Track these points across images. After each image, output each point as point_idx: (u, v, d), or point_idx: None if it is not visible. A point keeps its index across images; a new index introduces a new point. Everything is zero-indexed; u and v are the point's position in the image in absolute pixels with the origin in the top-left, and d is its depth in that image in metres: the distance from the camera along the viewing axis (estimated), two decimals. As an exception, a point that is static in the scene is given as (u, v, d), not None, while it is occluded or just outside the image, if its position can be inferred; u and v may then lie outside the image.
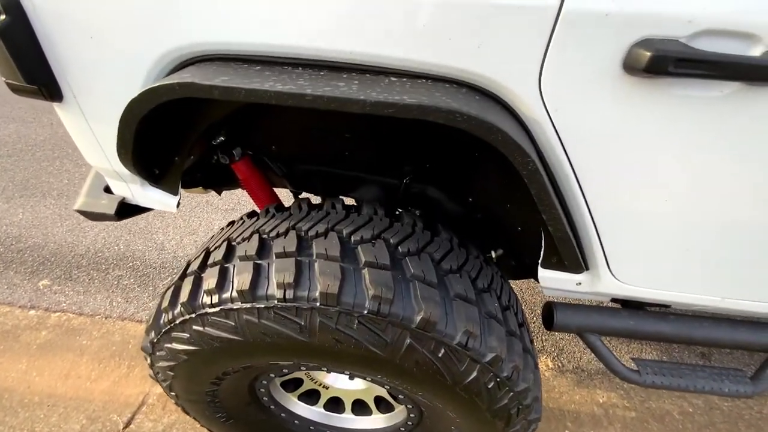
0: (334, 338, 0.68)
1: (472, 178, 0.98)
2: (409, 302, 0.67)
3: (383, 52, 0.60)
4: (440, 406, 0.80)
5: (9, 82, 0.76)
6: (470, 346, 0.69)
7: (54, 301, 1.92)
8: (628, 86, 0.59)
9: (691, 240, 0.77)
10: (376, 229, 0.78)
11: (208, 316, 0.72)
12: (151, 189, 0.95)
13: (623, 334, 0.97)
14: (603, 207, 0.75)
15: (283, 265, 0.69)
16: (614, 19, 0.54)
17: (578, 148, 0.67)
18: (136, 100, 0.64)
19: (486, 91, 0.64)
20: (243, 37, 0.63)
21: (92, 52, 0.70)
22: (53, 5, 0.66)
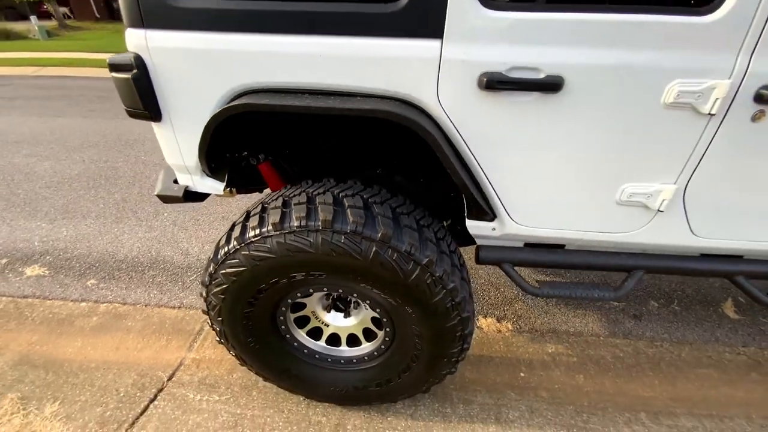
0: (331, 249, 1.12)
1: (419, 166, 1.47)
2: (373, 226, 1.13)
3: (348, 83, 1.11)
4: (400, 302, 1.22)
5: (129, 109, 1.26)
6: (412, 252, 1.14)
7: (101, 295, 2.33)
8: (482, 96, 1.09)
9: (549, 189, 1.24)
10: (355, 189, 1.25)
11: (252, 243, 1.17)
12: (207, 179, 1.42)
13: (525, 264, 1.42)
14: (492, 170, 1.23)
15: (299, 208, 1.16)
16: (468, 62, 1.05)
17: (467, 133, 1.16)
18: (218, 114, 1.13)
19: (410, 102, 1.14)
20: (271, 78, 1.13)
21: (185, 90, 1.20)
22: (164, 63, 1.17)
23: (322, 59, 1.08)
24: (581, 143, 1.14)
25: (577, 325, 2.17)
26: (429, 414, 1.67)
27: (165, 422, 1.61)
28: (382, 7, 1.03)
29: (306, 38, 1.07)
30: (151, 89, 1.21)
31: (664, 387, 1.85)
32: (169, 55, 1.15)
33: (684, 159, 1.14)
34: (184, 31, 1.12)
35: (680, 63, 1.00)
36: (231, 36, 1.10)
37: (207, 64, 1.14)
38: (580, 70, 1.03)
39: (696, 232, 1.29)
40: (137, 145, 4.54)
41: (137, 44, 1.15)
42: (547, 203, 1.27)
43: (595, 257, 1.38)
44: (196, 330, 2.09)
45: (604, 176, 1.20)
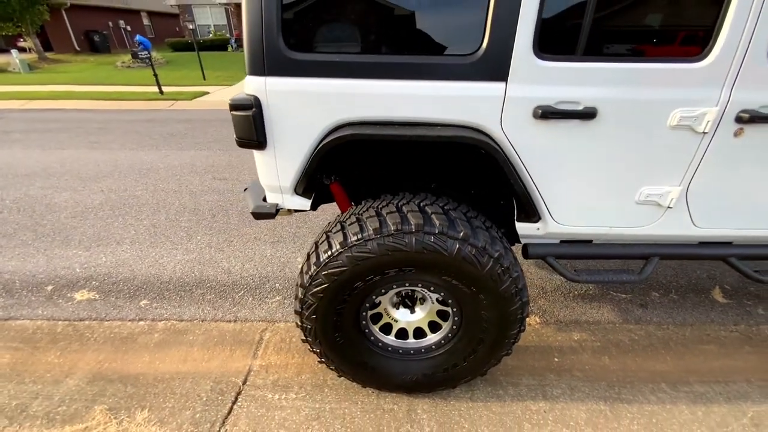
0: (423, 247, 1.38)
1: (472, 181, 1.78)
2: (455, 227, 1.41)
3: (434, 116, 1.41)
4: (474, 290, 1.48)
5: (241, 140, 1.51)
6: (487, 247, 1.42)
7: (157, 314, 2.46)
8: (536, 124, 1.41)
9: (584, 193, 1.56)
10: (431, 200, 1.53)
11: (355, 246, 1.41)
12: (296, 197, 1.67)
13: (565, 257, 1.72)
14: (540, 181, 1.54)
15: (393, 216, 1.42)
16: (526, 98, 1.38)
17: (523, 152, 1.47)
18: (329, 142, 1.40)
19: (476, 128, 1.45)
20: (370, 113, 1.42)
21: (291, 124, 1.47)
22: (278, 103, 1.44)
23: (415, 98, 1.38)
24: (610, 157, 1.47)
25: (595, 315, 2.48)
26: (485, 396, 1.90)
27: (254, 419, 1.76)
28: (462, 59, 1.35)
29: (403, 83, 1.37)
30: (263, 124, 1.47)
31: (676, 362, 2.15)
32: (284, 97, 1.42)
33: (685, 166, 1.49)
34: (298, 78, 1.40)
35: (681, 96, 1.36)
36: (340, 81, 1.38)
37: (315, 103, 1.42)
38: (609, 103, 1.37)
39: (696, 223, 1.63)
40: (152, 174, 4.68)
41: (257, 88, 1.42)
42: (582, 205, 1.59)
43: (621, 248, 1.70)
44: (256, 340, 2.25)
45: (627, 181, 1.54)
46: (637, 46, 1.37)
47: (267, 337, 2.28)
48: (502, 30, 1.29)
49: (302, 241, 3.26)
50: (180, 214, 3.70)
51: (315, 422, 1.75)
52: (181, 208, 3.82)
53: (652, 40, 1.37)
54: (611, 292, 2.68)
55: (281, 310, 2.50)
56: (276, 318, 2.42)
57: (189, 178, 4.57)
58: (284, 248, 3.15)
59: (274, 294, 2.64)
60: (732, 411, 1.85)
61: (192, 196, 4.10)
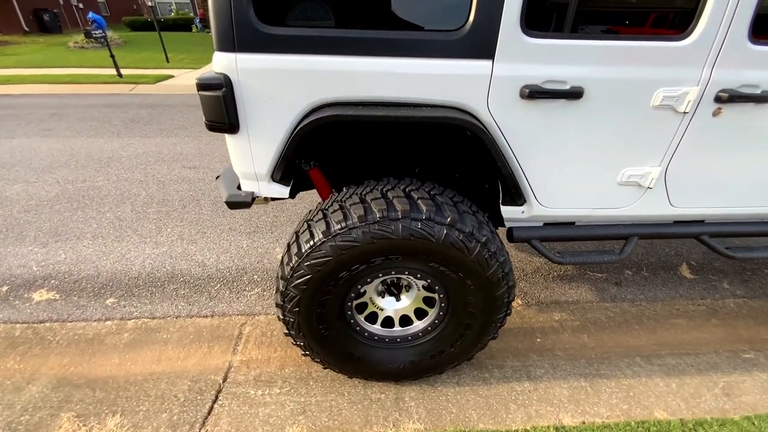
0: (410, 234, 1.33)
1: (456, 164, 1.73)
2: (442, 213, 1.36)
3: (418, 96, 1.34)
4: (462, 275, 1.46)
5: (211, 123, 1.39)
6: (474, 232, 1.39)
7: (125, 312, 2.31)
8: (522, 104, 1.37)
9: (569, 175, 1.55)
10: (416, 185, 1.48)
11: (339, 235, 1.34)
12: (273, 184, 1.57)
13: (549, 239, 1.72)
14: (526, 162, 1.51)
15: (378, 202, 1.36)
16: (513, 77, 1.33)
17: (509, 133, 1.44)
18: (305, 126, 1.31)
19: (462, 109, 1.40)
20: (351, 93, 1.33)
21: (267, 105, 1.36)
22: (251, 82, 1.33)
23: (399, 77, 1.31)
24: (595, 137, 1.46)
25: (573, 295, 2.54)
26: (471, 380, 1.91)
27: (236, 417, 1.70)
28: (447, 35, 1.28)
29: (385, 60, 1.29)
30: (234, 105, 1.36)
31: (649, 336, 2.24)
32: (257, 75, 1.31)
33: (666, 146, 1.51)
34: (272, 54, 1.29)
35: (664, 75, 1.35)
36: (317, 58, 1.28)
37: (291, 82, 1.32)
38: (595, 82, 1.35)
39: (673, 203, 1.67)
40: (114, 163, 4.38)
41: (226, 66, 1.30)
42: (567, 187, 1.58)
43: (602, 229, 1.72)
44: (235, 335, 2.17)
45: (610, 162, 1.54)
46: (624, 24, 1.35)
47: (247, 331, 2.19)
48: (489, 5, 1.23)
49: (280, 230, 3.15)
50: (147, 206, 3.49)
51: (301, 416, 1.71)
52: (148, 199, 3.60)
53: (638, 18, 1.35)
54: (588, 272, 2.75)
55: (261, 302, 2.41)
56: (256, 311, 2.33)
57: (156, 167, 4.31)
58: (261, 238, 3.04)
59: (252, 286, 2.54)
60: (704, 381, 1.94)
61: (160, 185, 3.87)
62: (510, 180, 1.48)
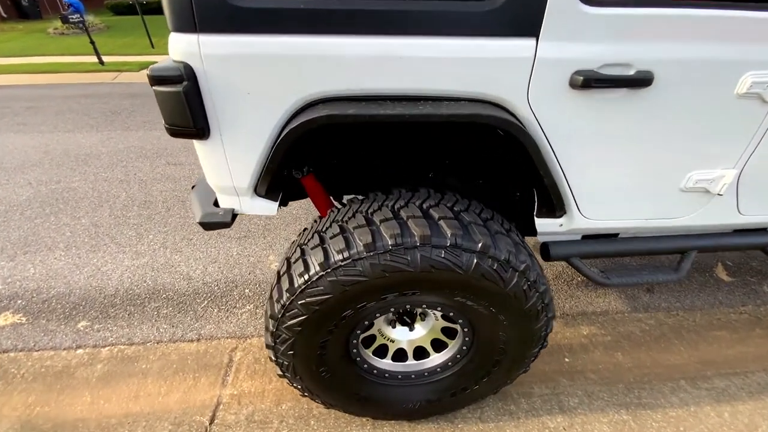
0: (431, 266, 1.05)
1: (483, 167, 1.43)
2: (470, 237, 1.07)
3: (440, 87, 1.04)
4: (494, 310, 1.18)
5: (173, 127, 1.08)
6: (510, 259, 1.11)
7: (99, 338, 2.04)
8: (572, 95, 1.07)
9: (622, 181, 1.26)
10: (435, 199, 1.18)
11: (340, 268, 1.06)
12: (257, 199, 1.27)
13: (591, 256, 1.45)
14: (570, 167, 1.22)
15: (390, 225, 1.06)
16: (563, 61, 1.02)
17: (552, 133, 1.14)
18: (295, 129, 1.00)
19: (494, 103, 1.09)
20: (352, 84, 1.02)
21: (244, 103, 1.05)
22: (220, 73, 1.01)
23: (411, 62, 0.99)
24: (662, 135, 1.16)
25: (602, 305, 2.28)
26: (496, 414, 1.66)
27: (225, 472, 1.45)
28: (477, 6, 0.96)
29: (394, 40, 0.97)
30: (201, 103, 1.05)
31: (690, 353, 2.00)
32: (228, 64, 0.99)
33: (745, 145, 1.21)
34: (248, 35, 0.97)
35: (755, 56, 1.05)
36: (307, 39, 0.97)
37: (275, 71, 1.00)
38: (669, 65, 1.04)
39: (742, 211, 1.38)
40: (91, 161, 4.04)
41: (187, 52, 0.98)
42: (618, 195, 1.29)
43: (655, 242, 1.44)
44: (225, 362, 1.90)
45: (675, 165, 1.25)
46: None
47: (238, 357, 1.93)
48: (535, -39, 0.91)
49: (274, 234, 2.86)
50: (127, 209, 3.18)
51: (301, 468, 1.46)
52: (128, 202, 3.29)
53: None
54: (616, 276, 2.49)
55: (253, 321, 2.14)
56: (247, 333, 2.07)
57: (137, 164, 3.97)
58: (253, 244, 2.75)
59: (243, 302, 2.26)
60: (757, 408, 1.71)
61: (142, 185, 3.55)
62: (553, 189, 1.19)
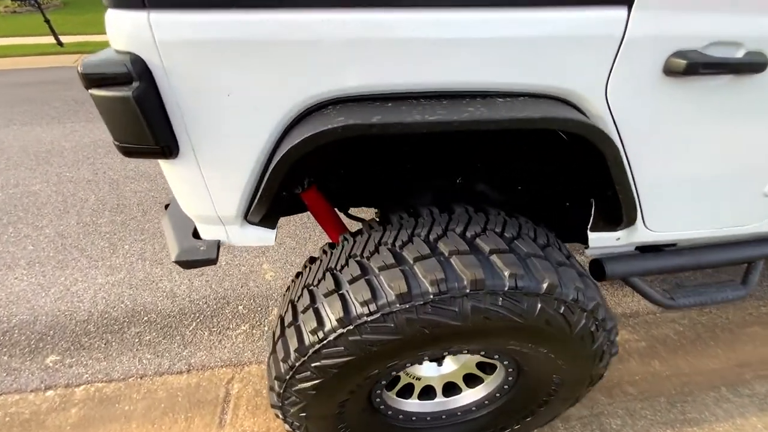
0: (485, 317, 0.82)
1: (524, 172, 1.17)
2: (533, 275, 0.83)
3: (497, 79, 0.76)
4: (553, 356, 0.97)
5: (128, 146, 0.78)
6: (579, 298, 0.88)
7: (72, 375, 1.77)
8: (664, 84, 0.81)
9: (702, 191, 1.03)
10: (479, 223, 0.93)
11: (366, 324, 0.81)
12: (249, 228, 1.00)
13: (654, 272, 1.23)
14: (643, 176, 0.98)
15: (428, 266, 0.81)
16: (659, 40, 0.75)
17: (627, 133, 0.89)
18: (297, 146, 0.72)
19: (560, 98, 0.83)
20: (376, 80, 0.74)
21: (226, 107, 0.76)
22: (185, 67, 0.71)
23: (461, 46, 0.71)
24: (762, 131, 0.92)
25: (631, 305, 2.11)
26: (533, 444, 1.49)
27: None
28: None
29: (441, 14, 0.68)
30: (162, 110, 0.75)
31: (727, 354, 1.86)
32: (196, 53, 0.69)
33: None
34: (226, 11, 0.66)
35: None
36: (309, 15, 0.67)
37: (268, 62, 0.71)
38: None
39: None
40: (54, 159, 3.62)
41: (134, 36, 0.67)
42: (694, 203, 1.07)
43: (722, 253, 1.23)
44: (221, 397, 1.67)
45: (763, 167, 1.01)
46: None
47: (236, 390, 1.70)
48: None
49: (266, 239, 2.57)
50: (98, 215, 2.83)
51: None
52: (98, 206, 2.93)
53: None
54: (641, 271, 2.31)
55: (250, 344, 1.90)
56: (245, 359, 1.83)
57: (107, 160, 3.57)
58: (244, 252, 2.47)
59: (238, 322, 2.01)
60: (809, 418, 1.57)
61: (113, 186, 3.18)
62: (627, 201, 0.94)
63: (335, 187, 1.24)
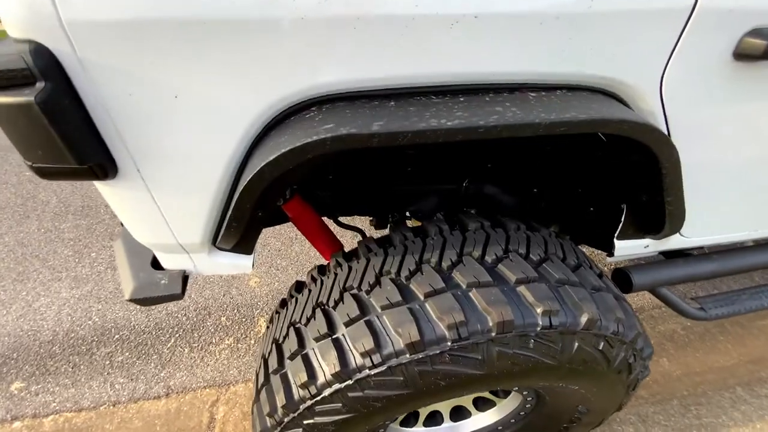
0: (512, 362, 0.67)
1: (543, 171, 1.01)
2: (569, 308, 0.69)
3: (527, 69, 0.59)
4: (584, 391, 0.84)
5: (41, 166, 0.59)
6: (620, 332, 0.74)
7: (39, 403, 1.59)
8: (735, 72, 0.65)
9: (755, 192, 0.89)
10: (499, 242, 0.77)
11: (369, 378, 0.66)
12: (220, 255, 0.82)
13: (684, 281, 1.11)
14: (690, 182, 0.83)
15: (444, 303, 0.66)
16: (735, 14, 0.59)
17: (681, 133, 0.73)
18: (272, 163, 0.54)
19: (604, 91, 0.66)
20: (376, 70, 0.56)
21: (174, 114, 0.57)
22: (114, 61, 0.52)
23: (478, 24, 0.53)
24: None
25: (635, 300, 2.03)
26: (545, 460, 1.39)
27: None
28: None
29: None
30: (84, 118, 0.55)
31: (738, 350, 1.80)
32: (123, 38, 0.50)
33: None
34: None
35: None
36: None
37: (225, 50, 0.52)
38: None
39: None
40: (11, 156, 3.30)
41: (33, 17, 0.47)
42: (741, 206, 0.94)
43: (761, 255, 1.11)
44: (205, 423, 1.52)
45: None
46: None
47: (221, 413, 1.55)
48: None
49: (249, 241, 2.38)
50: (60, 219, 2.58)
51: None
52: (60, 208, 2.68)
53: None
54: (646, 263, 2.23)
55: (235, 360, 1.74)
56: (230, 377, 1.67)
57: (70, 156, 3.26)
58: (225, 256, 2.27)
59: (221, 335, 1.85)
60: (825, 416, 1.52)
61: (76, 185, 2.91)
62: (676, 210, 0.80)
63: (324, 195, 1.06)
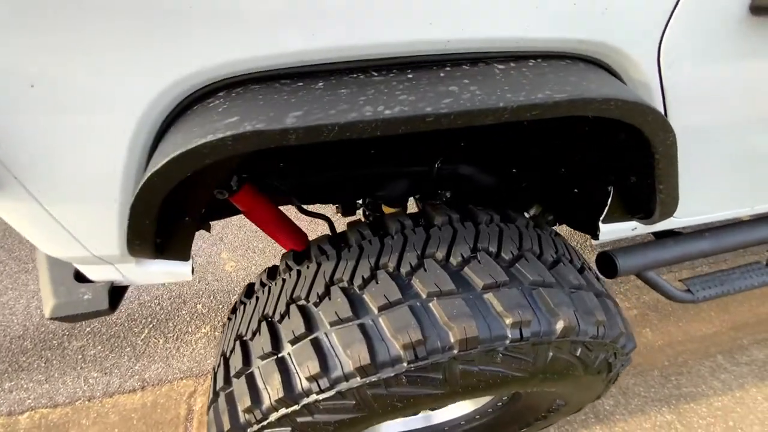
0: (477, 379, 0.60)
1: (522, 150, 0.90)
2: (544, 316, 0.61)
3: (493, 35, 0.46)
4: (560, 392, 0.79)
5: None
6: (599, 334, 0.67)
7: (14, 400, 1.54)
8: (753, 27, 0.53)
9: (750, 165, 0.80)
10: (467, 238, 0.67)
11: (318, 403, 0.59)
12: (151, 263, 0.71)
13: (674, 262, 1.04)
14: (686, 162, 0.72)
15: (400, 318, 0.57)
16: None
17: (680, 108, 0.62)
18: (162, 170, 0.42)
19: (590, 59, 0.54)
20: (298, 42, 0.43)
21: (41, 110, 0.44)
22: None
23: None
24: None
25: (622, 270, 1.99)
26: (525, 437, 1.39)
27: None
28: None
29: None
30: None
31: (721, 317, 1.79)
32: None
33: None
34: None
35: None
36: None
37: (90, 21, 0.39)
38: None
39: None
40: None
41: None
42: (740, 182, 0.85)
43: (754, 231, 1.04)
44: (182, 415, 1.49)
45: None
46: None
47: (199, 405, 1.52)
48: None
49: (224, 223, 2.27)
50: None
51: None
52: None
53: None
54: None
55: (213, 349, 1.69)
56: (207, 367, 1.63)
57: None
58: (198, 239, 2.17)
59: (197, 324, 1.79)
60: (804, 382, 1.54)
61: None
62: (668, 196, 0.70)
63: (278, 184, 0.94)
